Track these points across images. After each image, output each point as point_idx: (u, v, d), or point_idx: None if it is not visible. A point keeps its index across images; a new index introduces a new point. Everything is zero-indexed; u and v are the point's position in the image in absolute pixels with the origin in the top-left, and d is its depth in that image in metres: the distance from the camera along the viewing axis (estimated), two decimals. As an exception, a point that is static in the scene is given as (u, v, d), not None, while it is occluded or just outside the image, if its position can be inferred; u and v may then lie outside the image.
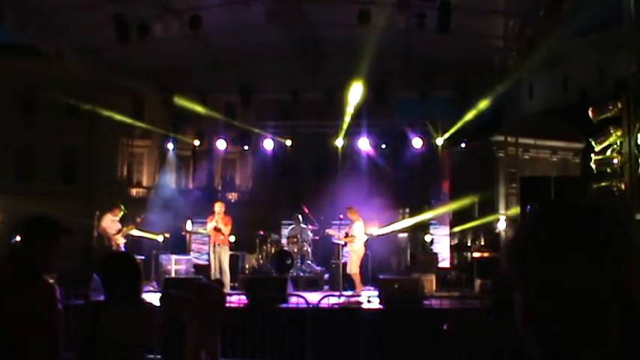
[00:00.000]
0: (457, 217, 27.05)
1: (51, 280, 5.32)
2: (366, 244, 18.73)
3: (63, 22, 17.37)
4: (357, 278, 17.79)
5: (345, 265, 18.42)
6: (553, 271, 1.52)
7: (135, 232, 19.36)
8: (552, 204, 1.65)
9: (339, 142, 24.27)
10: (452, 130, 23.79)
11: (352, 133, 23.53)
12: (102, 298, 5.24)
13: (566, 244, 1.53)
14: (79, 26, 17.53)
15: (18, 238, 5.23)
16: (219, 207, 18.67)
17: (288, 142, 24.07)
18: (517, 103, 22.04)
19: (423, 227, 24.38)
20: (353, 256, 17.98)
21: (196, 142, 24.43)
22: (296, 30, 18.21)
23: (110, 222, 18.48)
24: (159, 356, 9.19)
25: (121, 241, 18.27)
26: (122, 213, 19.00)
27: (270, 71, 20.32)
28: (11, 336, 4.70)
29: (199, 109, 22.74)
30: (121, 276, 5.33)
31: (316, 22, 18.00)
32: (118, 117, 26.05)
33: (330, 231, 20.36)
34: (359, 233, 18.18)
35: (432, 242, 23.11)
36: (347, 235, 18.43)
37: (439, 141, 24.00)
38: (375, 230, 23.03)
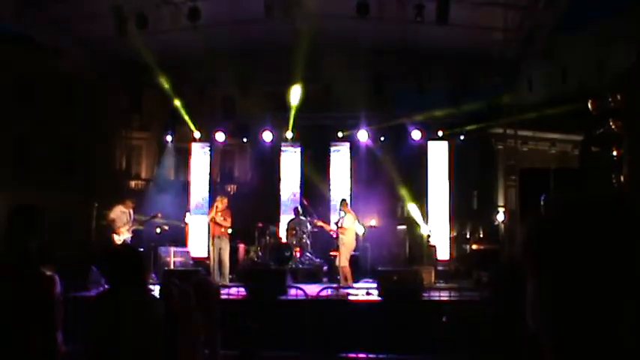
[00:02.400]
0: (456, 210, 27.04)
1: (48, 273, 5.30)
2: (359, 237, 18.73)
3: (61, 13, 17.33)
4: (346, 271, 17.77)
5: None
6: (573, 261, 1.50)
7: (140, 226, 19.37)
8: (572, 193, 1.62)
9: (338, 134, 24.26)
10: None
11: (351, 125, 23.49)
12: (101, 289, 5.23)
13: (588, 235, 1.50)
14: (78, 18, 17.49)
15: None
16: (221, 201, 18.69)
17: (289, 135, 24.02)
18: (516, 95, 22.00)
19: (422, 219, 24.38)
20: (343, 249, 17.95)
21: (196, 135, 24.38)
22: (294, 22, 18.16)
23: (120, 213, 18.45)
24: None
25: (126, 235, 18.22)
26: (134, 205, 19.02)
27: (269, 63, 20.27)
28: (10, 328, 4.69)
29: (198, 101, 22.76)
30: (127, 267, 5.31)
31: (315, 14, 17.95)
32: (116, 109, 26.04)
33: (319, 222, 20.38)
34: (349, 225, 18.16)
35: (430, 234, 23.09)
36: (339, 227, 18.42)
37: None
38: (374, 222, 23.09)
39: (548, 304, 1.53)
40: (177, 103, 23.26)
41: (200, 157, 24.42)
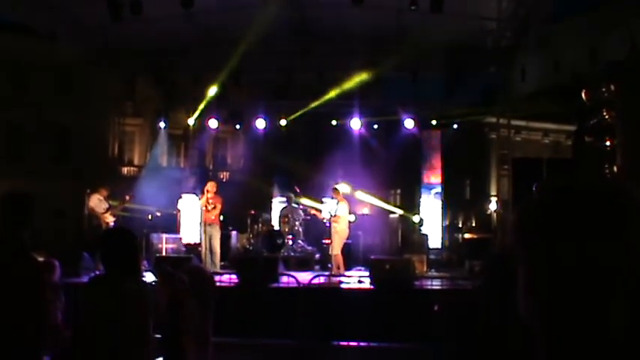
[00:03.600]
0: (449, 198, 27.07)
1: (42, 259, 5.30)
2: (350, 225, 18.76)
3: (55, -1, 17.27)
4: (339, 259, 17.79)
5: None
6: (562, 247, 1.49)
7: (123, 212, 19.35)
8: (562, 180, 1.61)
9: (332, 122, 24.27)
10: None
11: (344, 113, 23.49)
12: (93, 275, 5.21)
13: (577, 220, 1.50)
14: (72, 4, 17.42)
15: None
16: (211, 186, 18.66)
17: (283, 122, 24.02)
18: (509, 84, 21.99)
19: (413, 208, 24.42)
20: (336, 237, 17.96)
21: (190, 121, 24.35)
22: (288, 9, 18.11)
23: (97, 201, 18.47)
24: (158, 335, 9.16)
25: (110, 219, 18.28)
26: (108, 193, 19.00)
27: (263, 50, 20.22)
28: (2, 314, 4.69)
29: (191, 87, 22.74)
30: (120, 252, 5.30)
31: (309, 2, 17.91)
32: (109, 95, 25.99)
33: (313, 211, 20.39)
34: (343, 214, 18.17)
35: (421, 223, 23.12)
36: (332, 216, 18.43)
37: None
38: (366, 210, 23.09)
39: (535, 292, 1.53)
40: (169, 89, 23.24)
41: (193, 144, 24.42)
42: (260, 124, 23.76)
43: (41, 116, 44.88)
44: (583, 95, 14.11)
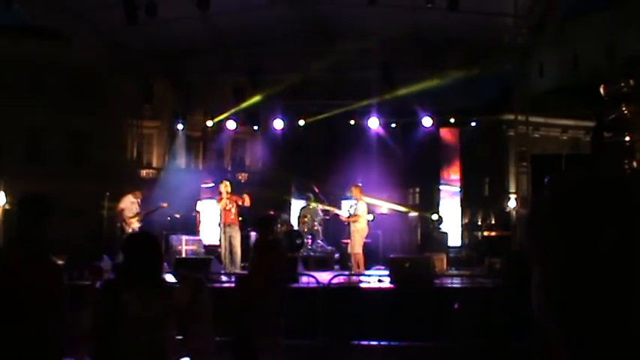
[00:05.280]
0: (467, 196, 26.98)
1: (60, 262, 5.31)
2: (369, 224, 18.73)
3: (72, 2, 17.32)
4: (359, 258, 17.76)
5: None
6: (576, 245, 1.44)
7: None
8: (573, 175, 1.56)
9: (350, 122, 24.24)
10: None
11: (362, 112, 23.45)
12: (108, 278, 5.22)
13: (590, 217, 1.45)
14: (88, 7, 17.48)
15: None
16: (224, 187, 18.67)
17: (301, 122, 24.02)
18: (527, 81, 21.89)
19: (432, 206, 24.36)
20: (356, 236, 17.94)
21: (209, 123, 24.38)
22: (304, 8, 18.10)
23: (129, 204, 18.54)
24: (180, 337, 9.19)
25: (136, 225, 18.28)
26: (142, 196, 19.08)
27: (279, 51, 20.22)
28: (20, 316, 4.70)
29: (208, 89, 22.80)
30: (140, 256, 5.32)
31: (325, 1, 17.89)
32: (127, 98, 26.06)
33: (335, 210, 20.38)
34: (362, 212, 18.16)
35: (440, 221, 23.05)
36: (350, 215, 18.43)
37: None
38: (385, 209, 23.05)
39: (550, 289, 1.49)
40: (187, 91, 23.30)
41: (211, 146, 24.47)
42: (278, 124, 23.76)
43: (59, 119, 45.12)
44: (601, 91, 14.00)
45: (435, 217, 22.89)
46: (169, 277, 13.63)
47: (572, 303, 1.47)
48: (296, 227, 21.32)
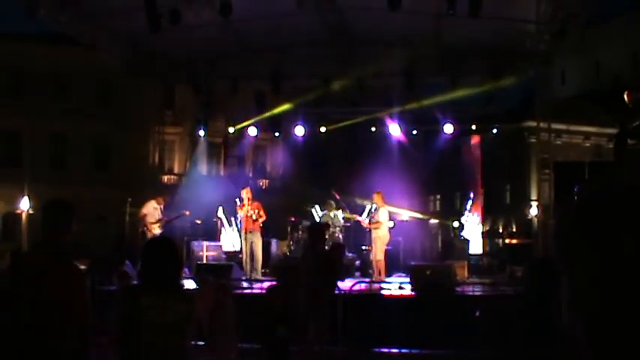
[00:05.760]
0: (489, 204, 26.89)
1: (82, 267, 5.34)
2: (391, 231, 18.71)
3: (95, 9, 17.43)
4: (381, 265, 17.76)
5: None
6: (604, 256, 1.42)
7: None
8: (604, 184, 1.54)
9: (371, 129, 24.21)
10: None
11: (383, 120, 23.42)
12: (127, 283, 5.25)
13: (620, 228, 1.43)
14: (111, 14, 17.59)
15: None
16: (246, 193, 18.71)
17: (322, 129, 24.01)
18: (549, 87, 21.82)
19: (453, 213, 24.29)
20: (378, 243, 17.96)
21: (230, 130, 24.43)
22: (326, 15, 18.13)
23: (152, 209, 18.57)
24: (200, 342, 9.24)
25: (157, 231, 18.30)
26: (165, 202, 19.12)
27: (301, 58, 20.26)
28: (43, 322, 4.73)
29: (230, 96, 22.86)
30: (159, 261, 5.34)
31: (347, 8, 17.91)
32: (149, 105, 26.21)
33: (356, 217, 20.36)
34: (384, 219, 18.16)
35: (461, 228, 22.99)
36: (371, 222, 18.43)
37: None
38: (406, 216, 23.00)
39: (582, 302, 1.47)
40: (209, 98, 23.38)
41: (232, 152, 24.50)
42: (299, 131, 23.77)
43: (83, 125, 45.46)
44: (625, 97, 13.90)
45: (455, 224, 22.83)
46: (190, 283, 13.70)
47: (602, 315, 1.46)
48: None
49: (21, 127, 45.61)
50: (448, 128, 22.65)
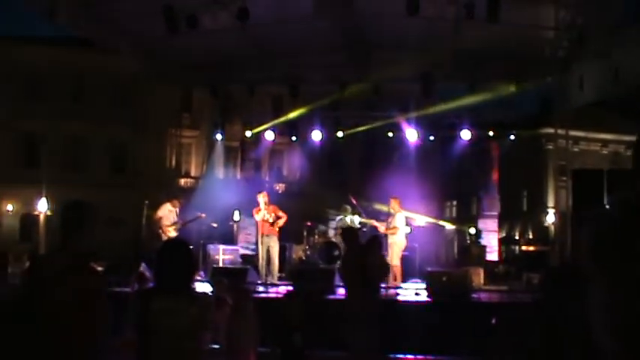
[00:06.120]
0: (505, 210, 26.79)
1: (99, 268, 5.35)
2: (406, 237, 18.69)
3: (114, 14, 17.50)
4: (397, 271, 17.74)
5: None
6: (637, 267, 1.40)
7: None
8: (636, 195, 1.51)
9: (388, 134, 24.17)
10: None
11: (400, 124, 23.38)
12: (139, 286, 5.25)
13: None
14: (130, 18, 17.65)
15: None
16: (262, 197, 18.73)
17: (340, 134, 23.98)
18: (567, 94, 21.72)
19: (470, 220, 24.22)
20: (395, 248, 17.95)
21: (247, 134, 24.42)
22: (343, 20, 18.13)
23: (167, 212, 18.58)
24: (217, 346, 9.24)
25: (173, 234, 18.28)
26: (180, 205, 19.13)
27: (318, 62, 20.26)
28: (60, 324, 4.73)
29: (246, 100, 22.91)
30: (172, 264, 5.33)
31: (364, 13, 17.90)
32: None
33: (373, 222, 20.33)
34: (401, 225, 18.14)
35: (477, 235, 22.91)
36: (388, 227, 18.42)
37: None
38: (422, 222, 22.95)
39: (616, 312, 1.44)
40: (226, 102, 23.42)
41: (249, 156, 24.51)
42: (316, 135, 23.75)
43: (100, 128, 45.67)
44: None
45: (472, 230, 22.76)
46: (206, 287, 13.71)
47: (630, 327, 1.43)
48: (333, 239, 21.27)
49: (39, 130, 45.87)
50: (465, 134, 22.59)
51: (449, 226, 24.26)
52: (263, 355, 9.83)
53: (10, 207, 46.70)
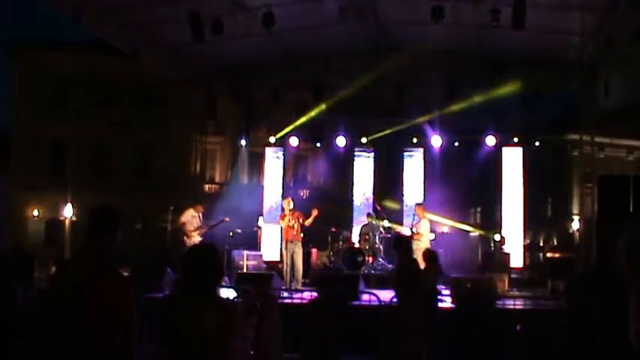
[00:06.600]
0: (530, 217, 26.64)
1: (125, 273, 5.36)
2: (432, 243, 18.66)
3: (138, 19, 17.63)
4: None
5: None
6: None
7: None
8: None
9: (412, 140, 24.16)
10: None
11: (425, 130, 23.36)
12: (168, 292, 5.26)
13: None
14: (155, 23, 17.77)
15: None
16: (287, 204, 18.78)
17: (364, 140, 23.99)
18: (593, 100, 21.61)
19: (494, 226, 24.11)
20: (419, 254, 17.90)
21: (271, 139, 24.47)
22: (368, 26, 18.15)
23: (191, 217, 18.62)
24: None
25: (197, 239, 18.32)
26: (204, 210, 19.18)
27: (343, 67, 20.29)
28: (88, 328, 4.76)
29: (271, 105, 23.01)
30: (198, 270, 5.32)
31: (389, 19, 17.92)
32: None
33: (397, 228, 20.32)
34: (425, 231, 18.13)
35: (502, 241, 22.80)
36: (413, 233, 18.43)
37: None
38: (447, 227, 22.90)
39: None
40: (250, 107, 23.52)
41: (274, 162, 24.55)
42: (340, 141, 23.77)
43: (126, 133, 45.88)
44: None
45: (497, 237, 22.66)
46: (231, 293, 13.75)
47: None
48: (357, 245, 21.28)
49: (65, 136, 46.16)
50: (490, 140, 22.53)
51: (473, 233, 24.13)
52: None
53: (35, 212, 47.02)
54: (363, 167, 24.40)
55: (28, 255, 18.98)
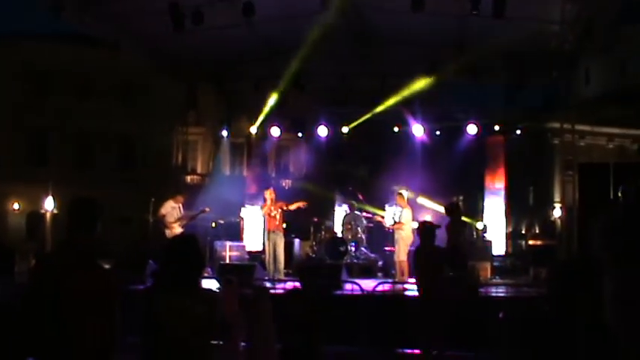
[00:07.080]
0: (512, 205, 26.74)
1: (107, 266, 5.33)
2: (414, 232, 18.71)
3: (119, 10, 17.51)
4: (404, 266, 17.76)
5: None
6: None
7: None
8: None
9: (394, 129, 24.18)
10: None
11: (405, 120, 23.39)
12: (149, 284, 5.23)
13: None
14: (135, 14, 17.65)
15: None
16: (269, 194, 18.76)
17: (345, 129, 24.00)
18: (573, 88, 21.68)
19: (476, 214, 24.19)
20: (401, 243, 17.99)
21: (253, 130, 24.41)
22: (349, 16, 18.10)
23: (170, 209, 18.56)
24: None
25: (178, 230, 18.28)
26: (184, 201, 19.12)
27: (324, 57, 20.25)
28: (70, 322, 4.73)
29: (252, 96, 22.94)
30: (180, 261, 5.31)
31: (369, 8, 17.88)
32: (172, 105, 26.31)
33: (377, 217, 20.35)
34: (407, 220, 18.17)
35: (485, 229, 22.89)
36: (395, 222, 18.48)
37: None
38: (428, 217, 22.95)
39: (629, 300, 1.46)
40: (231, 98, 23.46)
41: (255, 153, 24.55)
42: (322, 131, 23.76)
43: (107, 125, 45.68)
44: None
45: (480, 225, 22.74)
46: (213, 284, 13.72)
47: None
48: (340, 234, 21.30)
49: (46, 127, 45.90)
50: (471, 129, 22.58)
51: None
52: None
53: (16, 205, 46.75)
54: (345, 157, 24.40)
55: (8, 249, 18.89)
